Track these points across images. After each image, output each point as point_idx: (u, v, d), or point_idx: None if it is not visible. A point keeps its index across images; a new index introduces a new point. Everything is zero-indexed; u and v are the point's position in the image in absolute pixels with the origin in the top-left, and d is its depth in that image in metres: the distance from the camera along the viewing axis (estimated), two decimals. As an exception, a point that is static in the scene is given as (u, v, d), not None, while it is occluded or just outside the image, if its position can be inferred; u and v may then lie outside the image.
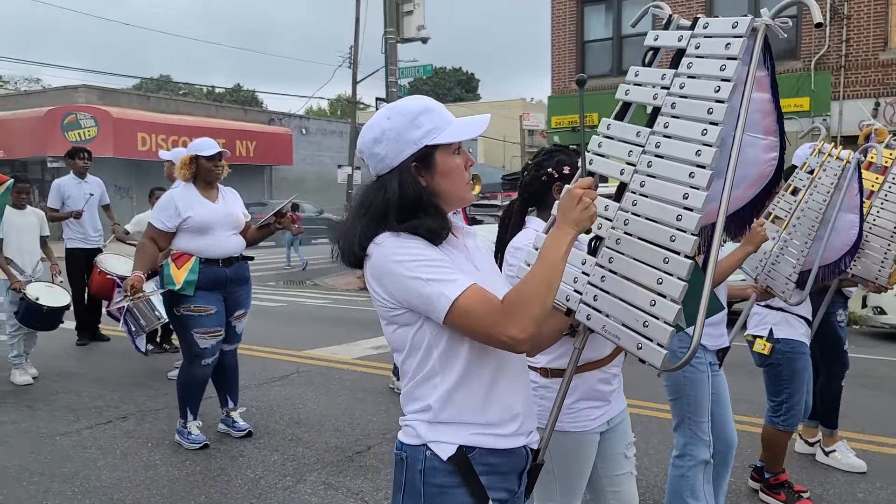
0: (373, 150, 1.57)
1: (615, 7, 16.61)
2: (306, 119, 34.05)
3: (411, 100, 1.60)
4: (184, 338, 4.39)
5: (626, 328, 1.69)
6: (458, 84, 59.16)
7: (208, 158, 4.39)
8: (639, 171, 1.77)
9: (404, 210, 1.53)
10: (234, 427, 4.67)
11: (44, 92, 28.90)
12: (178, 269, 4.30)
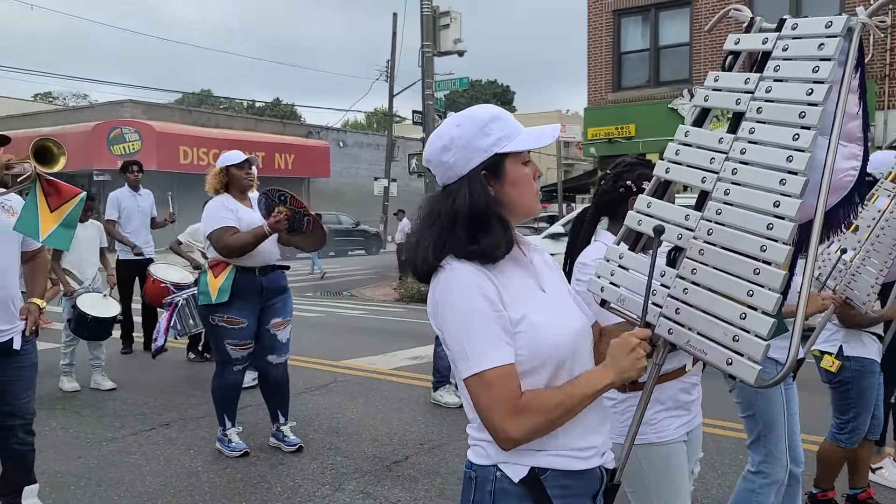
0: (441, 159, 1.53)
1: (652, 18, 16.53)
2: (343, 132, 34.47)
3: (480, 108, 1.57)
4: (216, 345, 4.48)
5: (714, 343, 1.60)
6: (494, 96, 59.28)
7: (238, 167, 4.45)
8: (722, 178, 1.69)
9: (472, 220, 1.49)
10: (285, 442, 4.64)
11: (91, 107, 29.77)
12: (215, 277, 4.36)
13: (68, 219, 3.35)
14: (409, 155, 20.39)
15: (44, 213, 3.28)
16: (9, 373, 3.32)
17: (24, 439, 3.43)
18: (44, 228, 3.27)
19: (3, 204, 3.31)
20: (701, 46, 15.86)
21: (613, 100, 17.05)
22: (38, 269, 3.61)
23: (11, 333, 3.31)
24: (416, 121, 16.67)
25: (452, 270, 1.48)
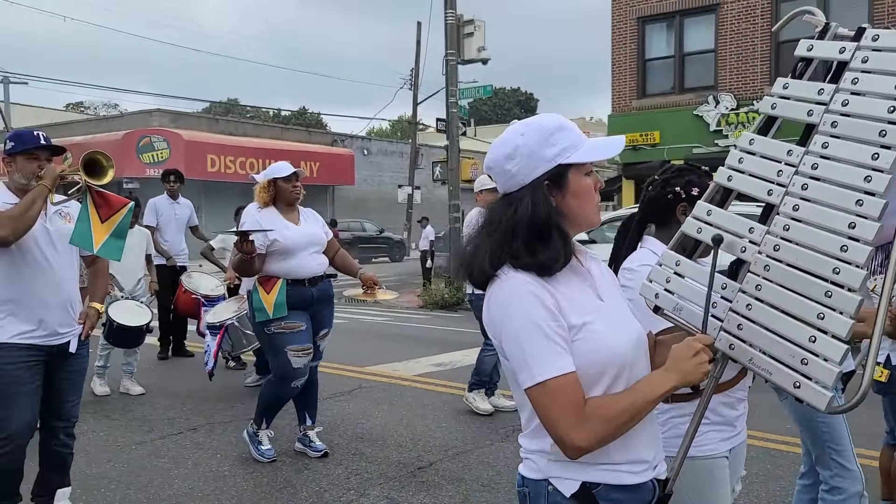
0: (504, 167, 1.51)
1: (677, 24, 16.45)
2: (368, 140, 34.67)
3: (545, 117, 1.55)
4: (277, 357, 4.38)
5: (780, 364, 1.52)
6: (517, 104, 59.27)
7: (285, 179, 4.45)
8: (791, 193, 1.60)
9: (533, 230, 1.47)
10: (310, 447, 4.66)
11: (120, 116, 30.27)
12: (267, 293, 4.35)
13: (118, 229, 3.41)
14: (432, 163, 20.46)
15: (95, 224, 3.34)
16: (61, 374, 3.38)
17: (65, 442, 3.48)
18: (96, 240, 3.33)
19: (61, 211, 3.39)
20: (726, 53, 15.75)
21: (638, 106, 16.98)
22: (99, 273, 3.68)
23: (69, 336, 3.37)
24: (440, 128, 16.73)
25: (509, 280, 1.47)
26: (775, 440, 4.99)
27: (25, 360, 3.21)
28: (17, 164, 3.25)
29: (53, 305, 3.29)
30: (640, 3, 16.80)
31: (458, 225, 14.81)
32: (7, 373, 3.18)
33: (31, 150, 3.25)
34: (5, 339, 3.20)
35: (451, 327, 11.05)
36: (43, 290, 3.26)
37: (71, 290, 3.40)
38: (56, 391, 3.38)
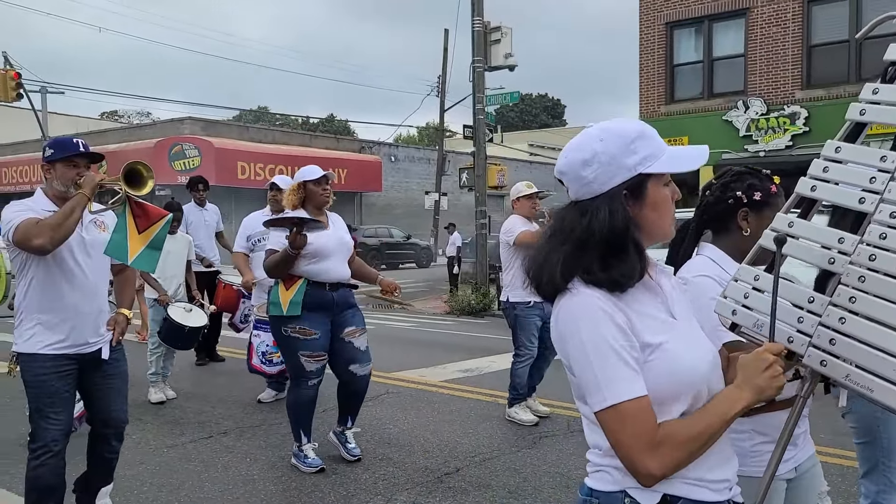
0: (580, 173, 1.44)
1: (705, 29, 16.32)
2: (395, 147, 34.84)
3: (625, 122, 1.47)
4: (290, 359, 4.44)
5: (883, 380, 1.42)
6: (544, 110, 59.13)
7: (315, 182, 4.45)
8: (887, 200, 1.54)
9: (608, 243, 1.40)
10: (345, 447, 4.68)
11: (153, 125, 30.78)
12: (286, 290, 4.36)
13: (155, 241, 3.39)
14: (459, 169, 20.48)
15: (132, 235, 3.32)
16: (98, 382, 3.40)
17: (114, 447, 3.52)
18: (132, 250, 3.32)
19: (96, 220, 3.39)
20: (756, 57, 15.59)
21: (666, 112, 16.86)
22: (127, 281, 3.71)
23: (100, 344, 3.38)
24: (467, 135, 16.76)
25: (579, 296, 1.40)
26: (826, 452, 4.91)
27: (57, 370, 3.22)
28: (56, 172, 3.26)
29: (86, 314, 3.30)
30: (668, 8, 16.70)
31: (485, 231, 14.82)
32: (41, 383, 3.20)
33: (71, 157, 3.25)
34: (37, 349, 3.21)
35: (478, 333, 11.05)
36: (77, 299, 3.27)
37: (101, 299, 3.42)
38: (99, 399, 3.41)
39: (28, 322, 3.25)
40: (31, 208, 3.21)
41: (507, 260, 5.61)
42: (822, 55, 15.09)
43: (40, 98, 23.94)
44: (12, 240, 3.11)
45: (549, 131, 46.99)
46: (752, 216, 2.00)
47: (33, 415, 3.25)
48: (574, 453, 4.86)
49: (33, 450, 3.22)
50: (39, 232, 3.05)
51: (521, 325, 5.52)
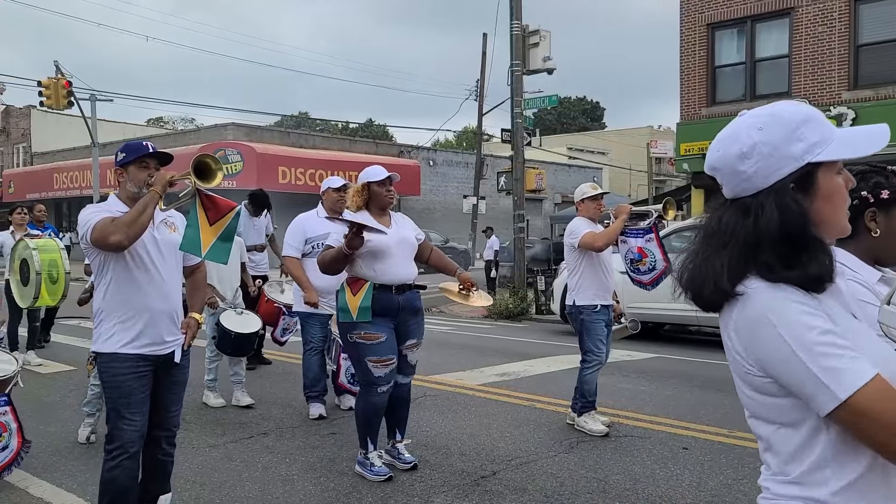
0: (737, 167, 1.29)
1: (748, 30, 16.06)
2: (433, 151, 34.95)
3: (788, 106, 1.31)
4: (358, 364, 4.39)
5: None
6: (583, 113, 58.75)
7: (379, 184, 4.39)
8: None
9: (785, 243, 1.24)
10: (400, 459, 4.58)
11: (197, 130, 31.39)
12: (353, 295, 4.29)
13: (226, 233, 3.39)
14: (497, 173, 20.49)
15: (204, 227, 3.33)
16: (164, 385, 3.40)
17: (167, 451, 3.53)
18: (205, 243, 3.33)
19: (166, 220, 3.42)
20: (801, 58, 15.29)
21: (708, 114, 16.63)
22: (199, 284, 3.71)
23: (173, 346, 3.39)
24: (505, 139, 16.76)
25: (765, 294, 1.23)
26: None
27: (135, 371, 3.25)
28: (129, 174, 3.32)
29: (161, 314, 3.32)
30: (709, 9, 16.48)
31: (523, 235, 14.79)
32: (119, 382, 3.23)
33: (142, 157, 3.31)
34: (116, 348, 3.24)
35: (515, 337, 11.03)
36: (152, 299, 3.29)
37: (176, 299, 3.42)
38: (160, 402, 3.40)
39: (107, 322, 3.28)
40: (106, 209, 3.28)
41: (572, 263, 5.48)
42: (869, 55, 14.73)
43: (89, 105, 24.61)
44: (90, 239, 3.17)
45: (588, 134, 46.69)
46: (880, 216, 1.86)
47: (110, 415, 3.28)
48: (612, 458, 4.83)
49: (109, 451, 3.25)
50: (115, 229, 3.11)
51: (588, 330, 5.39)
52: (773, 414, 1.27)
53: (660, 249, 5.42)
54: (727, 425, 5.62)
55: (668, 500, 4.12)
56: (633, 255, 5.46)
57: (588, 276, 5.39)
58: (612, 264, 5.55)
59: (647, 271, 5.47)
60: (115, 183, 3.44)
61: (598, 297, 5.40)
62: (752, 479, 4.43)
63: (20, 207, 8.55)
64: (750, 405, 1.31)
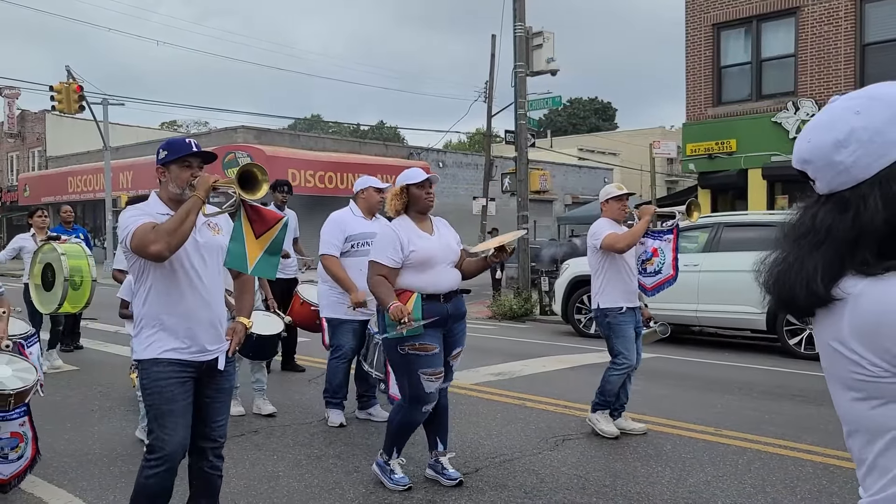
0: (833, 158, 1.15)
1: (754, 30, 16.01)
2: (443, 153, 35.02)
3: (887, 86, 1.17)
4: (408, 378, 4.10)
5: None
6: (594, 113, 58.60)
7: (419, 186, 4.18)
8: None
9: (892, 238, 1.12)
10: (443, 475, 4.34)
11: (209, 133, 31.64)
12: None
13: (272, 246, 3.18)
14: (502, 174, 20.54)
15: (249, 241, 3.14)
16: (209, 393, 3.24)
17: (213, 463, 3.34)
18: (251, 258, 3.14)
19: (209, 222, 3.24)
20: (807, 57, 15.22)
21: (713, 114, 16.59)
22: (247, 286, 3.49)
23: (217, 353, 3.22)
24: (509, 140, 16.79)
25: (879, 284, 1.11)
26: (837, 456, 4.83)
27: (178, 377, 3.09)
28: (170, 174, 3.15)
29: (203, 321, 3.15)
30: (715, 9, 16.45)
31: (527, 236, 14.81)
32: (161, 388, 3.07)
33: (185, 157, 3.13)
34: (157, 353, 3.08)
35: (517, 338, 11.08)
36: (193, 305, 3.12)
37: (219, 306, 3.25)
38: (205, 411, 3.24)
39: (148, 329, 3.12)
40: (147, 212, 3.10)
41: (595, 265, 5.34)
42: (876, 54, 14.64)
43: (102, 109, 24.91)
44: (129, 246, 3.01)
45: (599, 135, 46.57)
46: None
47: (152, 424, 3.14)
48: (595, 456, 4.87)
49: (148, 459, 3.12)
50: (156, 238, 2.92)
51: (615, 333, 5.25)
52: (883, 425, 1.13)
53: (672, 255, 5.31)
54: (715, 424, 5.65)
55: (646, 496, 4.16)
56: (646, 254, 5.39)
57: (612, 278, 5.27)
58: (635, 266, 5.43)
59: (651, 273, 5.39)
60: (160, 182, 3.23)
61: (623, 300, 5.26)
62: (732, 476, 4.47)
63: (40, 210, 8.28)
64: (859, 417, 1.17)
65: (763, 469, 4.59)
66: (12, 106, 37.47)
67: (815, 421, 5.78)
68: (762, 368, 8.30)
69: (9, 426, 4.02)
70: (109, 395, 6.79)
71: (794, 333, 8.98)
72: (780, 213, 11.10)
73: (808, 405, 6.31)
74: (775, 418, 5.88)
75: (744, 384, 7.26)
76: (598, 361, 8.67)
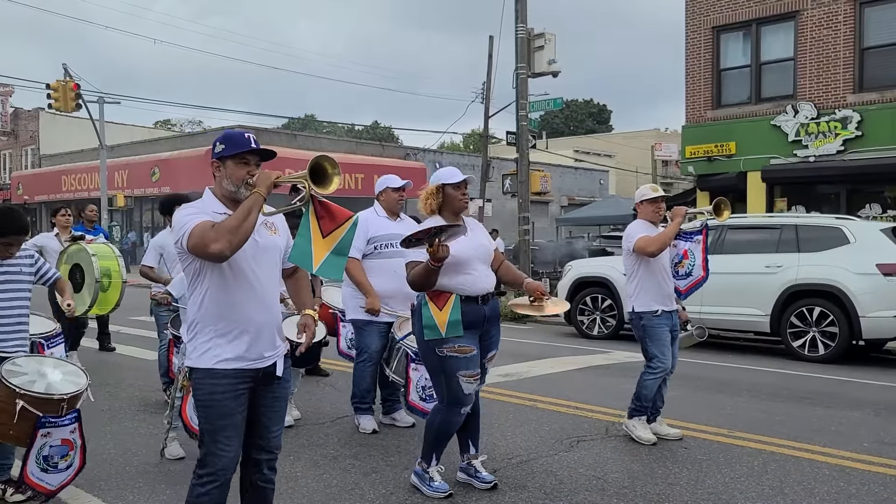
0: None
1: (753, 33, 16.09)
2: (440, 153, 35.04)
3: None
4: (447, 381, 4.02)
5: None
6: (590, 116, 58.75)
7: (455, 186, 4.09)
8: None
9: None
10: (477, 478, 4.27)
11: (204, 133, 31.57)
12: (440, 310, 3.97)
13: (340, 245, 2.99)
14: (502, 175, 20.57)
15: (316, 239, 2.96)
16: (265, 402, 3.07)
17: (267, 476, 3.18)
18: (316, 257, 2.95)
19: (266, 221, 3.07)
20: (806, 61, 15.31)
21: (713, 117, 16.66)
22: (302, 283, 3.34)
23: (274, 358, 3.05)
24: (510, 141, 16.82)
25: None
26: (851, 458, 4.85)
27: (234, 389, 2.92)
28: (226, 170, 2.96)
29: (261, 325, 2.98)
30: (715, 12, 16.53)
31: (528, 237, 14.84)
32: (216, 402, 2.91)
33: (243, 153, 2.95)
34: (212, 363, 2.92)
35: (520, 339, 11.08)
36: (252, 309, 2.95)
37: (277, 308, 3.10)
38: (260, 421, 3.07)
39: (203, 335, 2.95)
40: (203, 210, 2.92)
41: (629, 268, 5.26)
42: (875, 58, 14.74)
43: (97, 108, 24.79)
44: (186, 246, 2.83)
45: (595, 137, 46.70)
46: None
47: (204, 438, 2.97)
48: (611, 458, 4.88)
49: (200, 475, 2.96)
50: (217, 237, 2.75)
51: (650, 337, 5.17)
52: None
53: (702, 255, 5.23)
54: (727, 426, 5.67)
55: (666, 497, 4.17)
56: (678, 257, 5.31)
57: (646, 281, 5.18)
58: (670, 268, 5.33)
59: (683, 275, 5.30)
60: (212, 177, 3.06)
61: (658, 303, 5.18)
62: (749, 478, 4.49)
63: (64, 208, 7.99)
64: None
65: (779, 471, 4.61)
66: (5, 104, 37.31)
67: (825, 423, 5.81)
68: (768, 370, 8.33)
69: (60, 433, 3.80)
70: (117, 395, 6.76)
71: (798, 336, 9.02)
72: (783, 216, 11.15)
73: (817, 407, 6.34)
74: (786, 420, 5.91)
75: (751, 386, 7.29)
76: (605, 363, 8.71)
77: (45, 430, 3.75)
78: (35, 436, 3.73)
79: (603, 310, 10.86)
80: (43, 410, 3.74)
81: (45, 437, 3.76)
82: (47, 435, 3.77)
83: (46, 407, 3.76)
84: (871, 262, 8.58)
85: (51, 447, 3.79)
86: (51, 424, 3.76)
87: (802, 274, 8.96)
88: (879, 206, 14.75)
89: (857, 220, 10.21)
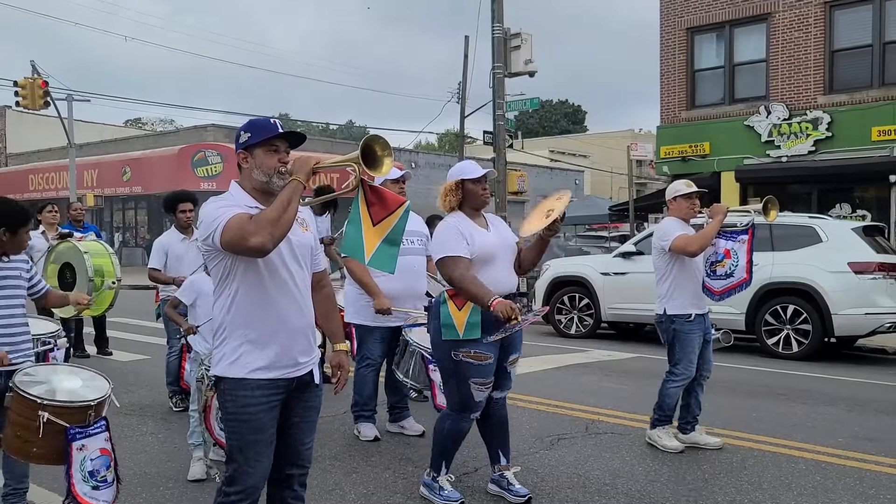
0: None
1: (727, 35, 16.28)
2: (416, 153, 34.99)
3: None
4: (458, 386, 3.87)
5: None
6: (565, 116, 59.06)
7: (475, 181, 3.93)
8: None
9: None
10: (510, 490, 4.06)
11: (176, 132, 31.20)
12: (459, 309, 3.80)
13: (392, 234, 2.79)
14: (479, 175, 20.51)
15: (367, 227, 2.76)
16: (298, 412, 2.84)
17: (298, 493, 2.95)
18: (368, 246, 2.76)
19: (297, 217, 2.77)
20: (778, 62, 15.52)
21: (687, 118, 16.83)
22: (333, 304, 3.12)
23: (310, 365, 2.84)
24: (487, 141, 16.84)
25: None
26: (827, 453, 4.91)
27: (267, 401, 2.70)
28: (255, 159, 2.72)
29: (296, 331, 2.76)
30: (688, 13, 16.69)
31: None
32: (247, 415, 2.68)
33: (271, 139, 2.71)
34: (244, 373, 2.67)
35: (498, 338, 11.09)
36: (287, 312, 2.73)
37: (311, 310, 2.85)
38: (292, 433, 2.84)
39: (233, 340, 2.71)
40: (235, 203, 2.69)
41: (662, 268, 4.95)
42: (844, 60, 14.99)
43: (66, 106, 24.37)
44: (219, 241, 2.57)
45: (570, 137, 46.98)
46: None
47: (233, 453, 2.74)
48: (592, 455, 4.89)
49: (227, 493, 2.73)
50: (257, 229, 2.50)
51: (680, 342, 4.88)
52: None
53: (746, 256, 4.92)
54: (706, 423, 5.70)
55: (647, 494, 4.19)
56: (717, 256, 4.98)
57: (680, 282, 4.89)
58: (703, 267, 5.05)
59: (722, 276, 4.97)
60: (240, 170, 2.83)
61: (692, 306, 4.90)
62: (729, 473, 4.53)
63: (50, 205, 7.61)
64: None
65: (758, 466, 4.66)
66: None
67: (801, 419, 5.88)
68: (744, 368, 8.42)
69: (95, 443, 3.37)
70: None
71: (772, 333, 9.13)
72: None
73: (793, 403, 6.41)
74: (763, 416, 5.97)
75: (728, 383, 7.35)
76: (584, 362, 8.74)
77: (78, 444, 3.30)
78: (70, 451, 3.29)
79: (580, 309, 10.89)
80: (69, 421, 3.29)
81: (81, 451, 3.32)
82: (83, 448, 3.32)
83: (73, 417, 3.32)
84: (843, 260, 8.71)
85: (91, 460, 3.35)
86: (82, 435, 3.32)
87: (777, 272, 9.07)
88: (849, 205, 15.01)
89: (829, 219, 10.36)
